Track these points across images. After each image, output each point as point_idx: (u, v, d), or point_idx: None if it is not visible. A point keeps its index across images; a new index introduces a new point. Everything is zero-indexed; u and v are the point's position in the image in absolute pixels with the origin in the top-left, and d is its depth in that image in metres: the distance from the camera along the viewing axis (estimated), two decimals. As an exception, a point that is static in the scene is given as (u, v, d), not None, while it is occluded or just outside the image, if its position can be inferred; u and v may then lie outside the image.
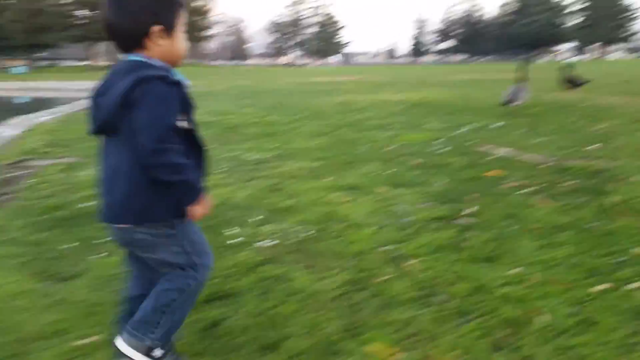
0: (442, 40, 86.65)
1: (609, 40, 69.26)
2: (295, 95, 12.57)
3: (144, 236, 1.38)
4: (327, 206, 3.11)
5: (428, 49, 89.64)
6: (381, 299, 1.94)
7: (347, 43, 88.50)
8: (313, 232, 2.66)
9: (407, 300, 1.92)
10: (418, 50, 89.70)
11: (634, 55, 78.29)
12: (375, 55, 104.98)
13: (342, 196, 3.33)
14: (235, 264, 2.24)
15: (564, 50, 79.73)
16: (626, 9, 67.13)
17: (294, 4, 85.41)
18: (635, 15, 67.23)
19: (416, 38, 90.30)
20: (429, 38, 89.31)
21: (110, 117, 1.32)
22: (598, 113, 7.21)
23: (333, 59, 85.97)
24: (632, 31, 68.41)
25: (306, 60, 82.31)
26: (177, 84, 1.32)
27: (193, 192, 1.36)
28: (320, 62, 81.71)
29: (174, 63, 1.41)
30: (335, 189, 3.51)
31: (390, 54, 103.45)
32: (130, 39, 1.36)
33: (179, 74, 1.36)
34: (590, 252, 2.32)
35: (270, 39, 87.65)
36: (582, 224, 2.69)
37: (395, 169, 4.04)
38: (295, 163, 4.37)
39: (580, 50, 75.07)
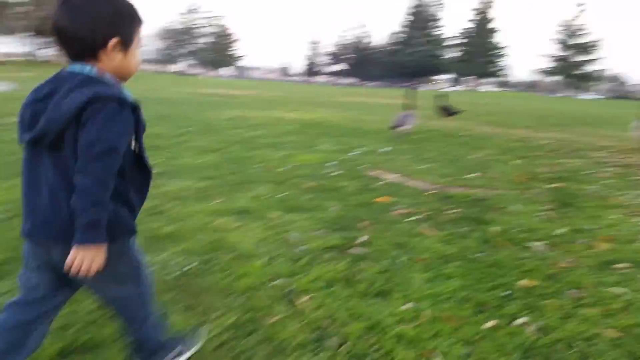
0: (334, 63, 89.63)
1: (481, 74, 76.42)
2: (185, 106, 12.05)
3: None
4: (214, 233, 2.88)
5: (320, 70, 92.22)
6: (271, 344, 1.77)
7: (242, 56, 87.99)
8: (197, 263, 2.42)
9: (299, 345, 1.76)
10: (311, 70, 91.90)
11: (502, 89, 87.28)
12: (270, 71, 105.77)
13: (231, 221, 3.11)
14: (98, 306, 1.83)
15: (443, 81, 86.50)
16: (495, 46, 74.69)
17: (189, 12, 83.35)
18: (502, 53, 75.02)
19: (310, 58, 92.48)
20: (321, 59, 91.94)
21: (52, 130, 1.21)
22: (474, 142, 7.75)
23: (226, 71, 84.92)
24: (500, 67, 76.12)
25: (198, 70, 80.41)
26: (134, 108, 1.27)
27: (90, 232, 1.20)
28: (212, 73, 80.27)
29: (124, 78, 1.36)
30: (223, 213, 3.29)
31: (284, 71, 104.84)
32: (84, 48, 1.28)
33: (127, 91, 1.29)
34: (478, 285, 2.35)
35: (161, 45, 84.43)
36: (468, 255, 2.74)
37: (287, 192, 3.91)
38: (180, 182, 4.07)
39: (456, 81, 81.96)
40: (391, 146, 6.76)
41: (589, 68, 67.79)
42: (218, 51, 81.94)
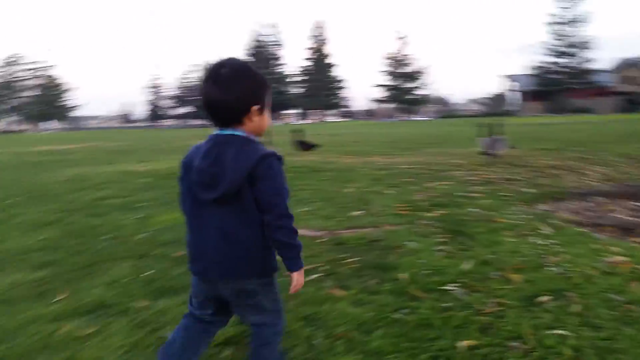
0: (180, 105, 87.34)
1: (325, 107, 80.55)
2: (10, 170, 10.28)
3: (257, 284, 1.64)
4: (61, 352, 2.08)
5: (165, 113, 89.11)
6: None
7: (75, 106, 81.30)
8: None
9: None
10: (156, 114, 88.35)
11: (346, 119, 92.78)
12: (109, 118, 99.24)
13: (83, 326, 2.32)
14: None
15: (292, 115, 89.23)
16: (335, 80, 79.56)
17: (7, 64, 75.04)
18: (342, 86, 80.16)
19: (153, 102, 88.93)
20: (165, 103, 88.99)
21: (234, 188, 1.52)
22: (343, 175, 7.60)
23: (56, 125, 77.63)
24: (341, 98, 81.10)
25: (24, 126, 72.30)
26: (281, 160, 1.59)
27: (300, 258, 1.65)
28: (42, 127, 72.81)
29: (259, 135, 1.65)
30: (70, 314, 2.47)
31: (126, 117, 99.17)
32: (233, 116, 1.58)
33: None
34: (418, 355, 1.93)
35: (-25, 102, 74.48)
36: (388, 316, 2.33)
37: (153, 269, 3.17)
38: (4, 276, 3.09)
39: (303, 115, 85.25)
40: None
41: (417, 93, 75.29)
42: (46, 103, 74.73)
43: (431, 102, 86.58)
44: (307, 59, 79.99)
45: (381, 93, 77.24)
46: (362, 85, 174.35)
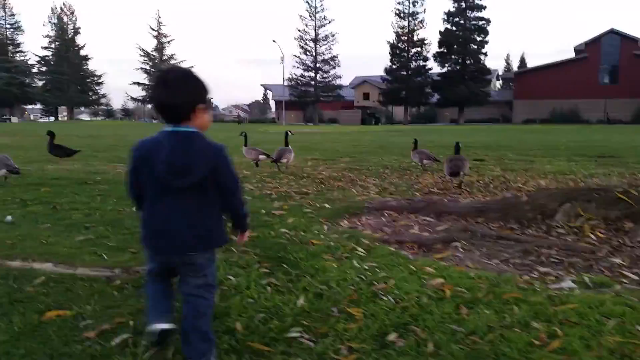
0: None
1: (78, 103, 72.20)
2: None
3: (206, 258, 2.03)
4: None
5: None
6: None
7: None
8: None
9: None
10: None
11: (101, 117, 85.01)
12: None
13: None
14: None
15: (35, 110, 77.54)
16: (92, 74, 72.06)
17: None
18: (100, 82, 73.09)
19: None
20: None
21: (200, 179, 1.91)
22: (119, 189, 6.62)
23: None
24: (98, 95, 73.88)
25: None
26: None
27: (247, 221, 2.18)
28: None
29: (204, 130, 2.01)
30: None
31: None
32: (181, 114, 1.93)
33: None
34: None
35: None
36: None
37: None
38: None
39: (50, 111, 74.87)
40: (14, 212, 4.98)
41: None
42: None
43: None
44: (49, 48, 70.54)
45: (140, 92, 73.17)
46: (120, 82, 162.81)
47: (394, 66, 62.12)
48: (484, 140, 19.80)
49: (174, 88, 1.92)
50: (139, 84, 72.12)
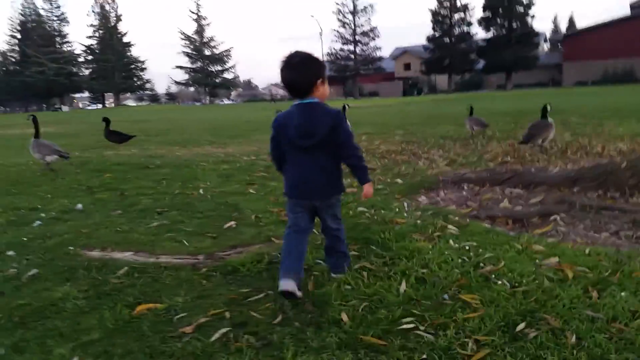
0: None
1: (123, 90, 73.88)
2: None
3: (335, 200, 2.59)
4: None
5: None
6: None
7: None
8: None
9: None
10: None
11: (147, 102, 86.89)
12: None
13: None
14: None
15: (83, 99, 79.95)
16: (134, 61, 73.33)
17: None
18: (142, 67, 74.30)
19: None
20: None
21: (325, 137, 2.40)
22: (181, 173, 6.56)
23: None
24: (141, 81, 75.21)
25: None
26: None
27: (368, 174, 2.58)
28: None
29: (324, 99, 2.50)
30: None
31: None
32: (306, 89, 2.43)
33: None
34: None
35: None
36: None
37: None
38: None
39: (97, 98, 77.05)
40: (82, 199, 4.95)
41: (223, 76, 73.93)
42: None
43: (236, 86, 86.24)
44: (96, 37, 72.15)
45: (183, 75, 73.99)
46: (163, 67, 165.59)
47: (437, 34, 60.18)
48: (541, 104, 18.80)
49: (298, 69, 2.42)
50: (181, 67, 72.95)
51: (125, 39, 73.18)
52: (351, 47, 64.35)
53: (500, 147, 7.55)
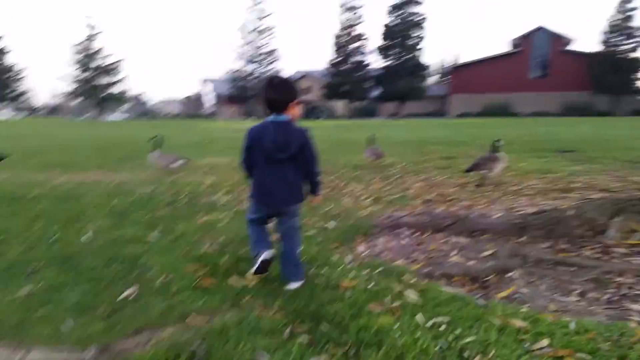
0: None
1: (-2, 99, 66.51)
2: None
3: (297, 207, 2.97)
4: None
5: None
6: None
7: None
8: None
9: None
10: None
11: (25, 114, 78.98)
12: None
13: None
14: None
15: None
16: (10, 69, 66.32)
17: None
18: (20, 76, 67.46)
19: None
20: None
21: (295, 153, 2.80)
22: (64, 208, 5.45)
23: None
24: (19, 91, 68.25)
25: None
26: None
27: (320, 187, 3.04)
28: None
29: (295, 118, 2.86)
30: None
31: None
32: (283, 107, 2.81)
33: None
34: None
35: None
36: None
37: None
38: None
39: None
40: None
41: (112, 89, 69.46)
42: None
43: (127, 100, 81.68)
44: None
45: (69, 87, 68.32)
46: (45, 77, 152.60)
47: (337, 60, 61.76)
48: (438, 135, 19.54)
49: (278, 89, 2.81)
50: (66, 78, 67.35)
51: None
52: (252, 67, 63.86)
53: (419, 181, 7.34)
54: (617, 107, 51.37)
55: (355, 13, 61.30)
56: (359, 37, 61.51)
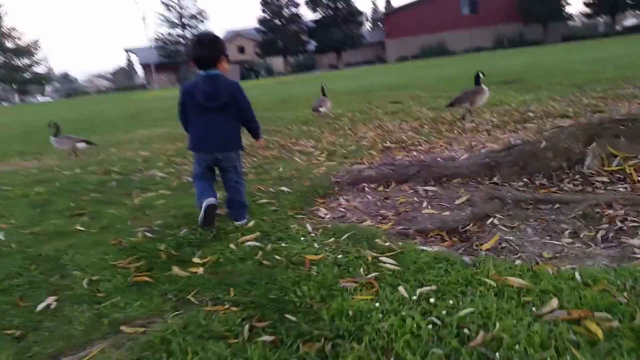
0: None
1: None
2: None
3: (235, 155, 3.14)
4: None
5: None
6: None
7: None
8: None
9: None
10: None
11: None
12: None
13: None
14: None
15: None
16: None
17: None
18: None
19: None
20: None
21: (226, 102, 2.99)
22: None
23: None
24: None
25: None
26: None
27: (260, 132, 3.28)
28: None
29: (224, 72, 3.05)
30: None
31: None
32: (211, 63, 2.97)
33: None
34: None
35: None
36: None
37: None
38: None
39: None
40: None
41: (34, 71, 64.71)
42: None
43: (52, 80, 76.59)
44: None
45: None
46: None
47: (267, 16, 59.61)
48: (381, 82, 19.16)
49: (207, 46, 3.01)
50: (-24, 62, 61.76)
51: None
52: (179, 31, 60.74)
53: (370, 130, 6.92)
54: (548, 35, 52.56)
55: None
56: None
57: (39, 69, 65.11)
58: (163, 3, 60.34)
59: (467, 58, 35.58)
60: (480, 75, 6.79)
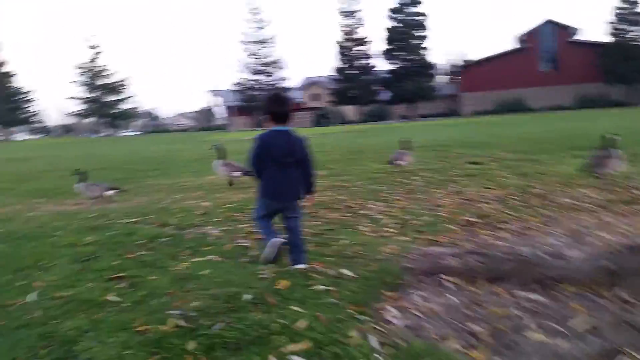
0: None
1: (9, 123, 66.47)
2: None
3: (298, 203, 3.54)
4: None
5: None
6: None
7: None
8: None
9: None
10: None
11: (39, 135, 79.33)
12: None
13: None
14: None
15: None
16: (19, 91, 66.37)
17: None
18: (29, 98, 67.52)
19: None
20: None
21: (298, 159, 3.42)
22: (24, 250, 4.44)
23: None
24: (30, 113, 68.37)
25: None
26: None
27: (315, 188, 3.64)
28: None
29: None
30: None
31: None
32: (285, 118, 3.44)
33: None
34: None
35: None
36: None
37: None
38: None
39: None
40: None
41: (122, 106, 69.31)
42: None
43: (138, 116, 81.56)
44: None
45: (78, 106, 68.17)
46: (56, 97, 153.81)
47: (342, 65, 60.68)
48: (456, 136, 18.30)
49: (284, 103, 3.49)
50: (73, 98, 67.14)
51: (5, 69, 65.98)
52: (258, 77, 62.98)
53: (447, 195, 6.21)
54: (633, 96, 49.47)
55: (354, 17, 60.25)
56: (361, 41, 60.41)
57: (127, 105, 69.62)
58: (244, 50, 63.13)
59: (547, 117, 33.90)
60: (612, 137, 6.58)
